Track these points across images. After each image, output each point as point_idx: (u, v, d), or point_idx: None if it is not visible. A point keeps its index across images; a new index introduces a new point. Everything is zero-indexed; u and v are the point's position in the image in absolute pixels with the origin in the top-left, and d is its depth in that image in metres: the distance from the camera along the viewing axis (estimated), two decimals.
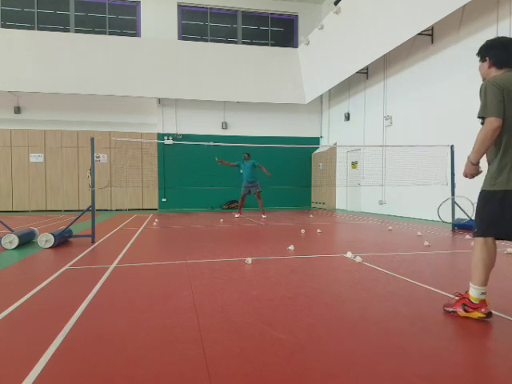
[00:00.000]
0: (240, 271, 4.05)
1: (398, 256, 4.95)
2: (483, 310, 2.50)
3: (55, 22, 14.59)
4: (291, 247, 5.47)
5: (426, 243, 5.78)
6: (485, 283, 2.53)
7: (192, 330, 2.40)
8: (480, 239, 2.59)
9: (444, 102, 9.39)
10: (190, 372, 1.86)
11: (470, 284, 2.59)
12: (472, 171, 2.58)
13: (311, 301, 3.00)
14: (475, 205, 2.76)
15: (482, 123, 2.50)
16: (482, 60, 2.72)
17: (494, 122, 2.40)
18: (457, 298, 2.70)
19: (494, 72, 2.63)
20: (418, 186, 9.48)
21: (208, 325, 2.48)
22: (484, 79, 2.70)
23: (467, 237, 6.64)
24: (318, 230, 7.60)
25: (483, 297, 2.52)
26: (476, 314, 2.52)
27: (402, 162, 10.08)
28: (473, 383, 1.79)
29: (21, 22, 14.36)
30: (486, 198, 2.59)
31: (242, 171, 11.06)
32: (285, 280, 3.67)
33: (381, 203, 12.19)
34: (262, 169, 10.82)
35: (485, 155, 2.60)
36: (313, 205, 16.58)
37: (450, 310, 2.68)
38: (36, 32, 13.78)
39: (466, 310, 2.58)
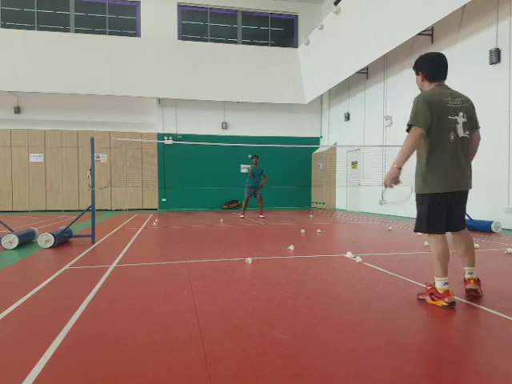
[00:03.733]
0: (240, 271, 4.05)
1: (398, 256, 4.95)
2: (446, 299, 2.80)
3: (55, 22, 14.59)
4: (291, 247, 5.47)
5: (426, 243, 5.77)
6: (445, 274, 2.85)
7: (192, 329, 2.39)
8: (431, 236, 2.92)
9: None
10: (190, 372, 1.86)
11: (434, 277, 2.90)
12: (395, 174, 2.84)
13: (311, 301, 3.00)
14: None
15: (407, 130, 2.85)
16: (416, 74, 3.04)
17: (418, 130, 2.77)
18: (428, 287, 3.01)
19: (427, 85, 2.96)
20: None
21: (208, 325, 2.47)
22: (421, 89, 3.03)
23: None
24: (318, 230, 7.60)
25: (447, 287, 2.84)
26: (440, 303, 2.83)
27: None
28: (473, 383, 1.79)
29: (21, 22, 14.37)
30: (421, 200, 2.93)
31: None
32: (285, 280, 3.66)
33: (381, 203, 12.18)
34: (263, 179, 11.01)
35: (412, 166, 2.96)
36: (313, 205, 16.58)
37: (421, 297, 3.01)
38: (36, 32, 13.78)
39: (432, 299, 2.90)
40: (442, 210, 2.87)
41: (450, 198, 2.86)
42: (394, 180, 2.85)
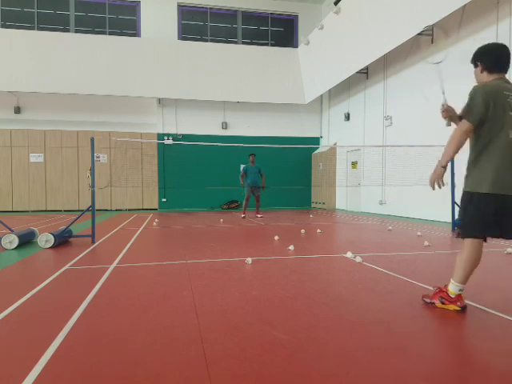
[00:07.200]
0: (240, 271, 4.05)
1: (398, 256, 4.94)
2: (459, 303, 2.70)
3: (55, 22, 14.59)
4: (291, 247, 5.47)
5: (426, 243, 5.78)
6: (465, 281, 2.68)
7: (192, 329, 2.39)
8: (469, 240, 2.65)
9: None
10: (190, 372, 1.86)
11: (451, 280, 2.73)
12: (440, 175, 2.64)
13: (311, 301, 3.00)
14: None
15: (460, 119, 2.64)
16: (475, 66, 2.86)
17: (466, 125, 2.55)
18: (436, 290, 2.87)
19: (486, 76, 2.73)
20: (418, 186, 9.48)
21: (208, 325, 2.47)
22: (478, 83, 2.79)
23: None
24: (318, 230, 7.60)
25: (460, 292, 2.71)
26: (452, 307, 2.72)
27: (402, 162, 10.08)
28: (472, 383, 1.79)
29: (21, 22, 14.36)
30: (465, 199, 2.68)
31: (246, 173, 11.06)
32: (285, 280, 3.66)
33: (381, 203, 12.18)
34: (262, 178, 11.00)
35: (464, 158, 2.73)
36: (313, 205, 16.58)
37: (428, 301, 2.87)
38: (36, 32, 13.78)
39: (442, 303, 2.77)
40: (487, 213, 2.56)
41: (499, 202, 2.54)
42: (438, 180, 2.65)
